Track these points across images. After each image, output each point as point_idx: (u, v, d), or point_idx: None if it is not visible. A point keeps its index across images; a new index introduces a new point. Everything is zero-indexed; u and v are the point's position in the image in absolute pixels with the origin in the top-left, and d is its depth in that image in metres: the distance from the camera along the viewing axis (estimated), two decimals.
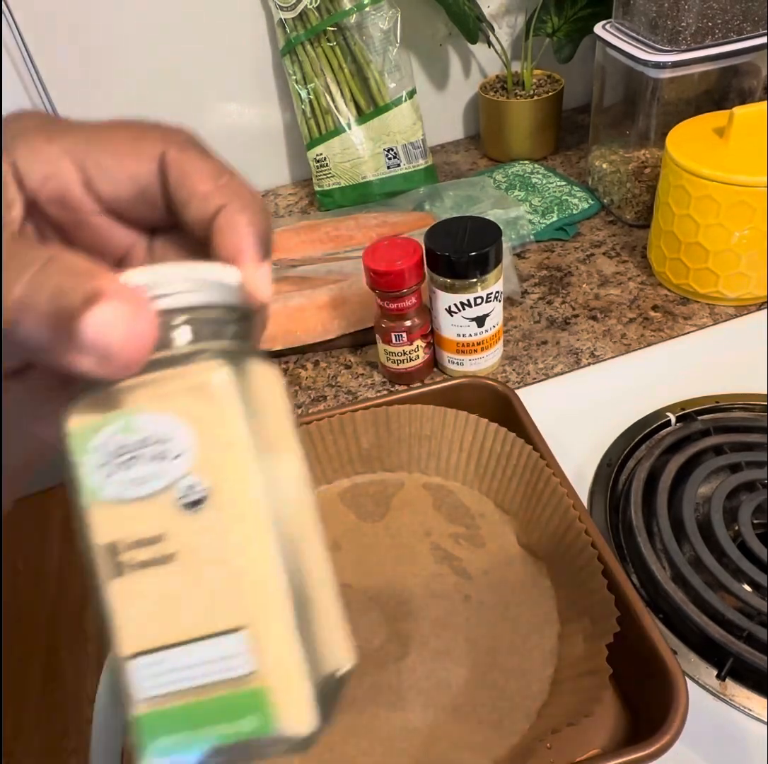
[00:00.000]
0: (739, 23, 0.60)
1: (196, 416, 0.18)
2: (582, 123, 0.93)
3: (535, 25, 0.80)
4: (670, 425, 0.51)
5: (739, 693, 0.37)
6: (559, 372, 0.58)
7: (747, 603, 0.38)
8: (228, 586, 0.18)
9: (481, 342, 0.55)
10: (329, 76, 0.75)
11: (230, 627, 0.18)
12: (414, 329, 0.54)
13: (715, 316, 0.60)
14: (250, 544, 0.18)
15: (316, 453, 0.47)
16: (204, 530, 0.18)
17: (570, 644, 0.37)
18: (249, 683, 0.17)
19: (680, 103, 0.64)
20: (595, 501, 0.47)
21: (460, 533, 0.44)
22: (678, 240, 0.59)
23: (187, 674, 0.18)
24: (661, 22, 0.60)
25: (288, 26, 0.73)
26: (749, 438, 0.48)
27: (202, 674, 0.18)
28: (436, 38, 0.86)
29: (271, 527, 0.18)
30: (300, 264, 0.66)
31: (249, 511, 0.18)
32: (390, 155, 0.79)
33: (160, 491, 0.18)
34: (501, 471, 0.45)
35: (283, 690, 0.18)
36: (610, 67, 0.68)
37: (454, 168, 0.89)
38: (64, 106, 0.76)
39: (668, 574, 0.41)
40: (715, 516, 0.42)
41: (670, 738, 0.30)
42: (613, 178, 0.73)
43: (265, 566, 0.18)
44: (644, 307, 0.63)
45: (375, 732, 0.36)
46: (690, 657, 0.38)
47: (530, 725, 0.35)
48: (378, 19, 0.73)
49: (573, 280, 0.67)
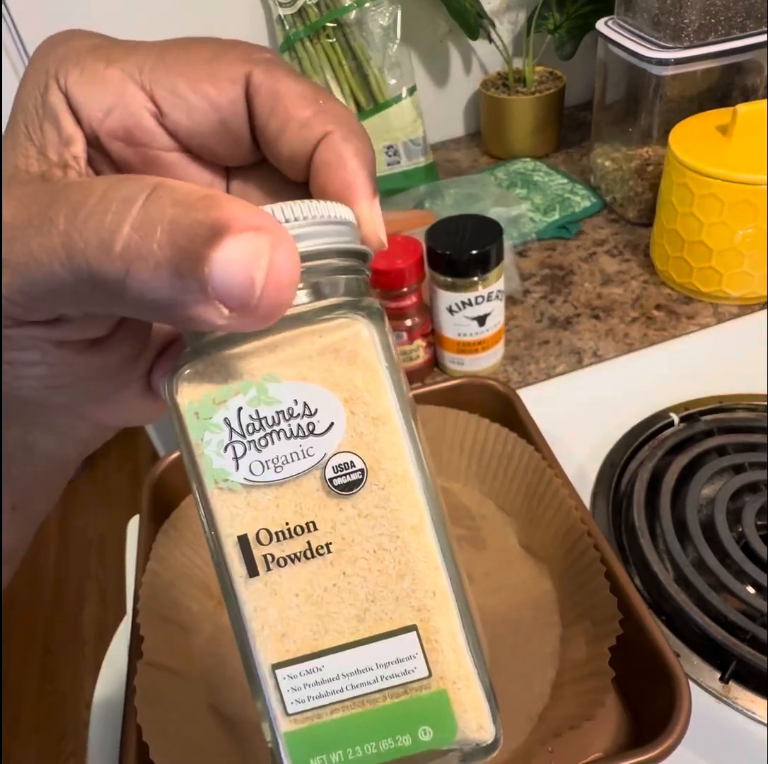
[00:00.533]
0: (742, 20, 0.59)
1: (342, 382, 0.15)
2: (584, 120, 0.93)
3: (536, 22, 0.79)
4: (673, 425, 0.50)
5: (742, 695, 0.36)
6: (561, 372, 0.57)
7: (750, 604, 0.38)
8: (393, 579, 0.15)
9: (482, 341, 0.54)
10: (329, 72, 0.75)
11: (400, 626, 0.15)
12: (414, 328, 0.54)
13: (718, 315, 0.60)
14: (417, 531, 0.15)
15: None
16: (361, 516, 0.15)
17: (572, 647, 0.37)
18: (427, 687, 0.15)
19: (683, 100, 0.64)
20: (598, 502, 0.46)
21: (461, 535, 0.44)
22: (681, 238, 0.59)
23: (346, 682, 0.15)
24: (663, 18, 0.60)
25: (287, 23, 0.73)
26: (753, 439, 0.47)
27: (367, 681, 0.15)
28: (437, 35, 0.86)
29: (429, 510, 0.16)
30: None
31: (411, 493, 0.15)
32: (390, 153, 0.78)
33: (305, 472, 0.15)
34: (502, 472, 0.44)
35: (464, 694, 0.15)
36: (612, 64, 0.68)
37: (455, 166, 0.88)
38: None
39: (671, 576, 0.41)
40: (718, 518, 0.42)
41: (673, 741, 0.30)
42: (616, 176, 0.73)
43: (432, 555, 0.15)
44: (647, 306, 0.62)
45: None
46: (693, 660, 0.38)
47: (532, 728, 0.34)
48: (378, 16, 0.73)
49: (575, 279, 0.67)
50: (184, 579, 0.40)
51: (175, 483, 0.44)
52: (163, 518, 0.41)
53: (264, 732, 0.16)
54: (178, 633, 0.38)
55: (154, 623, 0.37)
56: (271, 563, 0.15)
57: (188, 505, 0.42)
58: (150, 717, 0.33)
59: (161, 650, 0.36)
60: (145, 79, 0.16)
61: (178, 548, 0.41)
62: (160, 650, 0.36)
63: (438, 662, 0.15)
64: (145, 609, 0.37)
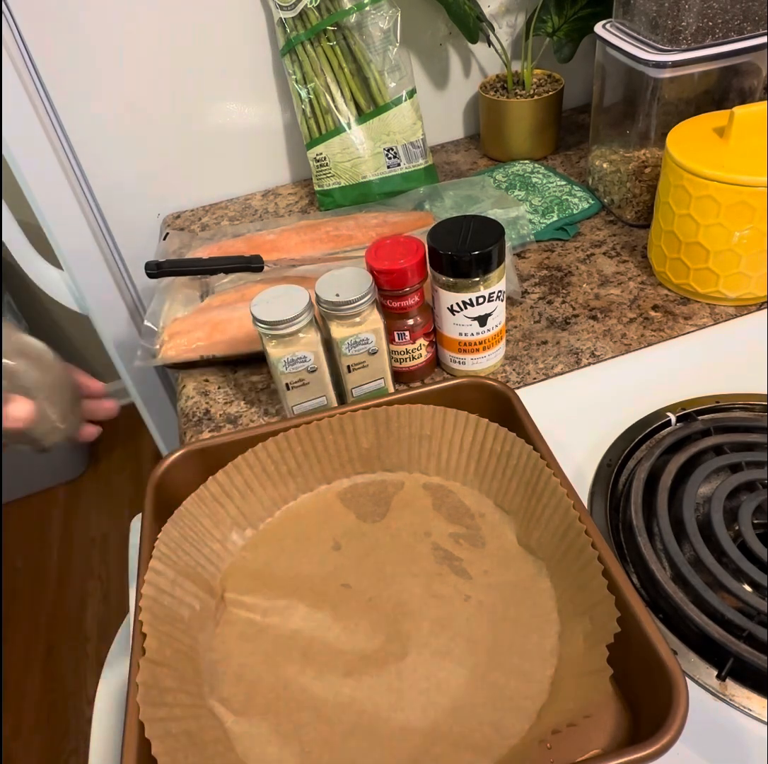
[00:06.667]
0: (739, 23, 0.60)
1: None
2: (582, 123, 0.93)
3: (535, 25, 0.80)
4: (670, 425, 0.51)
5: (739, 693, 0.37)
6: (559, 372, 0.58)
7: (747, 603, 0.38)
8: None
9: (483, 341, 0.55)
10: (329, 75, 0.75)
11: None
12: (416, 327, 0.54)
13: (715, 316, 0.60)
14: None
15: (316, 453, 0.47)
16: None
17: (570, 644, 0.37)
18: None
19: (680, 102, 0.64)
20: (596, 501, 0.47)
21: (460, 533, 0.44)
22: (678, 240, 0.59)
23: None
24: (661, 21, 0.60)
25: (288, 26, 0.73)
26: (749, 438, 0.48)
27: None
28: (436, 38, 0.86)
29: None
30: (300, 264, 0.66)
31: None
32: (390, 155, 0.79)
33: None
34: (501, 471, 0.45)
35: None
36: (611, 66, 0.68)
37: (454, 168, 0.89)
38: (64, 106, 0.77)
39: (668, 574, 0.41)
40: (715, 516, 0.42)
41: (671, 738, 0.30)
42: (614, 177, 0.73)
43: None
44: (644, 307, 0.63)
45: (375, 732, 0.36)
46: (690, 657, 0.38)
47: (530, 725, 0.35)
48: (378, 19, 0.73)
49: (573, 280, 0.67)
50: (187, 577, 0.41)
51: (177, 482, 0.45)
52: (166, 517, 0.42)
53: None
54: (180, 631, 0.39)
55: (156, 621, 0.37)
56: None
57: (190, 504, 0.43)
58: (152, 715, 0.33)
59: (163, 648, 0.37)
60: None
61: (180, 546, 0.41)
62: (162, 648, 0.37)
63: None
64: (147, 607, 0.37)
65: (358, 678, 0.38)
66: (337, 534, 0.45)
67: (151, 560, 0.39)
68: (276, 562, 0.44)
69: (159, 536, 0.40)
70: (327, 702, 0.37)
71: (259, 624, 0.41)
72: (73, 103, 0.77)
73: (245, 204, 0.88)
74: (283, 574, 0.43)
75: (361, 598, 0.41)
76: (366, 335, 0.50)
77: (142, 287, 0.93)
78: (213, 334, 0.61)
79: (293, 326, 0.47)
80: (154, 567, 0.39)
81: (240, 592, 0.42)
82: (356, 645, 0.39)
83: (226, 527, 0.45)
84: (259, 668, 0.39)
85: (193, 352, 0.61)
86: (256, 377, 0.62)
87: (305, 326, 0.48)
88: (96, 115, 0.78)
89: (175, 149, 0.84)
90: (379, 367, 0.53)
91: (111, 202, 0.85)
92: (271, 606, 0.42)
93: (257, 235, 0.72)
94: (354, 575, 0.43)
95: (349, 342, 0.50)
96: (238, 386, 0.61)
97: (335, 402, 0.54)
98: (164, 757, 0.32)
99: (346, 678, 0.38)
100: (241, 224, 0.80)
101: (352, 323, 0.50)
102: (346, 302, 0.48)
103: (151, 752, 0.31)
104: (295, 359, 0.49)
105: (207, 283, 0.69)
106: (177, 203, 0.89)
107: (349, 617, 0.41)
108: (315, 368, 0.50)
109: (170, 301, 0.65)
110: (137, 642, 0.36)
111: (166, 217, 0.89)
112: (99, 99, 0.78)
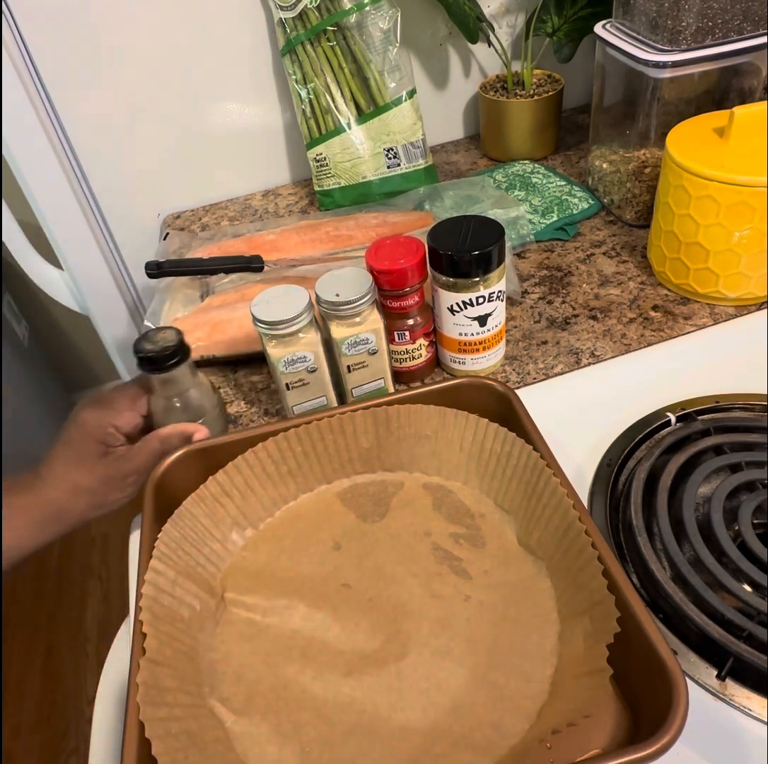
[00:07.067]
0: (739, 23, 0.60)
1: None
2: (582, 123, 0.93)
3: (535, 25, 0.80)
4: (670, 425, 0.51)
5: (739, 693, 0.37)
6: (559, 372, 0.58)
7: (747, 602, 0.38)
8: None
9: (483, 341, 0.55)
10: (329, 75, 0.75)
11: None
12: (416, 327, 0.54)
13: (715, 316, 0.60)
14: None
15: (316, 453, 0.47)
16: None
17: (570, 644, 0.37)
18: None
19: (680, 102, 0.64)
20: (595, 501, 0.47)
21: (460, 533, 0.44)
22: (678, 240, 0.59)
23: None
24: (661, 21, 0.60)
25: (288, 26, 0.73)
26: (749, 438, 0.48)
27: None
28: (436, 38, 0.86)
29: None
30: (300, 264, 0.66)
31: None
32: (390, 155, 0.79)
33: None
34: (501, 471, 0.45)
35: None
36: (610, 66, 0.68)
37: (454, 168, 0.89)
38: (64, 106, 0.77)
39: (668, 574, 0.41)
40: (715, 516, 0.42)
41: (671, 738, 0.30)
42: (613, 178, 0.73)
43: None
44: (644, 307, 0.63)
45: (375, 732, 0.36)
46: (690, 657, 0.38)
47: (530, 725, 0.35)
48: (378, 19, 0.73)
49: (573, 280, 0.67)
50: (187, 577, 0.41)
51: (177, 482, 0.45)
52: (166, 516, 0.42)
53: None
54: (181, 631, 0.39)
55: (156, 621, 0.37)
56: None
57: (190, 503, 0.43)
58: (152, 715, 0.33)
59: (163, 647, 0.37)
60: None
61: (180, 546, 0.41)
62: (162, 647, 0.37)
63: None
64: (147, 607, 0.37)
65: (358, 677, 0.38)
66: (337, 534, 0.45)
67: (151, 560, 0.39)
68: (276, 562, 0.44)
69: (159, 536, 0.40)
70: (327, 701, 0.37)
71: (259, 624, 0.41)
72: (73, 103, 0.77)
73: (245, 204, 0.88)
74: (283, 574, 0.43)
75: (361, 598, 0.41)
76: (366, 335, 0.50)
77: (142, 287, 0.93)
78: (213, 334, 0.61)
79: (293, 326, 0.47)
80: (154, 567, 0.39)
81: (240, 592, 0.42)
82: (356, 645, 0.39)
83: (226, 527, 0.45)
84: (259, 668, 0.39)
85: (193, 352, 0.61)
86: (256, 377, 0.62)
87: (305, 326, 0.48)
88: (96, 115, 0.78)
89: (175, 149, 0.84)
90: (379, 367, 0.53)
91: (111, 202, 0.85)
92: (271, 605, 0.42)
93: (257, 235, 0.72)
94: (354, 575, 0.43)
95: (349, 342, 0.50)
96: (238, 386, 0.61)
97: (335, 402, 0.54)
98: (164, 757, 0.31)
99: (346, 678, 0.38)
100: (241, 224, 0.80)
101: (352, 323, 0.50)
102: (346, 302, 0.48)
103: (151, 752, 0.31)
104: (295, 359, 0.49)
105: (207, 283, 0.69)
106: (177, 203, 0.89)
107: (349, 617, 0.41)
108: (315, 368, 0.50)
109: (170, 301, 0.65)
110: (137, 641, 0.36)
111: (166, 217, 0.89)
112: (99, 99, 0.78)
